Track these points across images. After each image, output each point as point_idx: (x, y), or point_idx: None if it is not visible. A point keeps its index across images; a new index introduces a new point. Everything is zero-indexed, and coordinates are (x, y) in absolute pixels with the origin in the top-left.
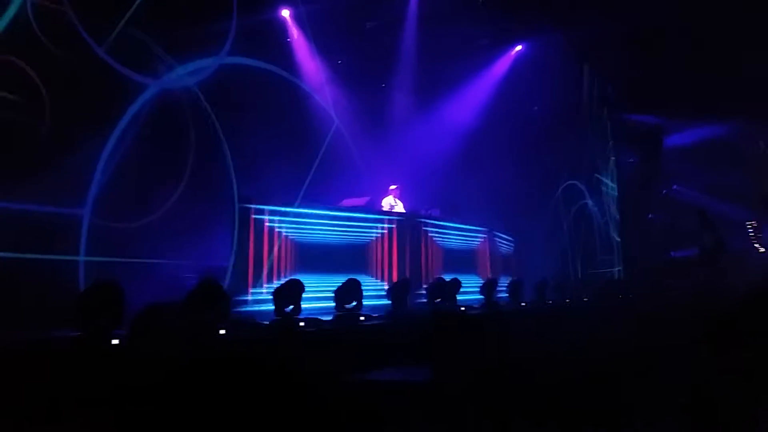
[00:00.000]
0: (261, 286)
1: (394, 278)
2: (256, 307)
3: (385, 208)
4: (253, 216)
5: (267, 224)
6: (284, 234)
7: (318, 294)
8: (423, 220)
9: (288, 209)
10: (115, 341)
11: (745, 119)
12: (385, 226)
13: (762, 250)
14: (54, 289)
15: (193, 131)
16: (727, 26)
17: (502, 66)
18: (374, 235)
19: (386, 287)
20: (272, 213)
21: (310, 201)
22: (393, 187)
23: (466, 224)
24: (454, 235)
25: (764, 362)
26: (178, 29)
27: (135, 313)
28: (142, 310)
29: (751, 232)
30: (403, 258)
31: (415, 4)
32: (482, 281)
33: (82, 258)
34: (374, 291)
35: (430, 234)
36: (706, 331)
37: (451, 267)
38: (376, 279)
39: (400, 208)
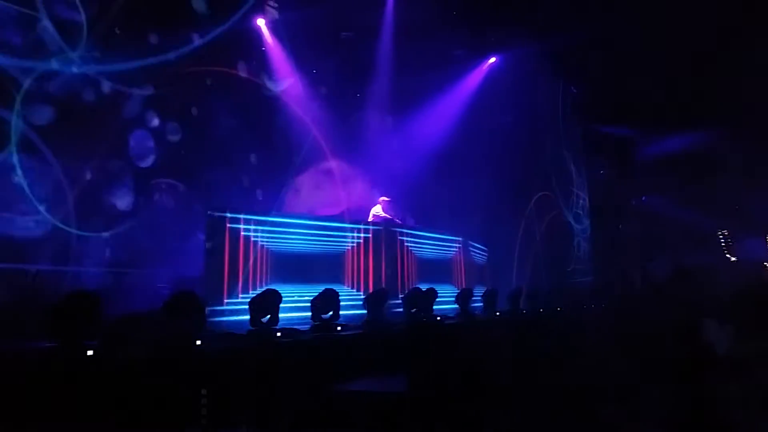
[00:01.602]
0: (236, 296)
1: (371, 288)
2: (233, 317)
3: (370, 218)
4: (229, 225)
5: (243, 233)
6: (260, 243)
7: (294, 304)
8: (399, 230)
9: (264, 218)
10: (89, 352)
11: (716, 130)
12: (361, 235)
13: (733, 259)
14: (27, 298)
15: (167, 139)
16: (701, 37)
17: (476, 77)
18: (350, 244)
19: (363, 297)
20: (247, 222)
21: (286, 210)
22: (384, 198)
23: (441, 233)
24: (429, 244)
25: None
26: (154, 39)
27: (110, 323)
28: (116, 320)
29: (722, 242)
30: (379, 268)
31: (391, 15)
32: (457, 291)
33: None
34: (350, 301)
35: (406, 244)
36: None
37: (426, 277)
38: (352, 289)
39: None
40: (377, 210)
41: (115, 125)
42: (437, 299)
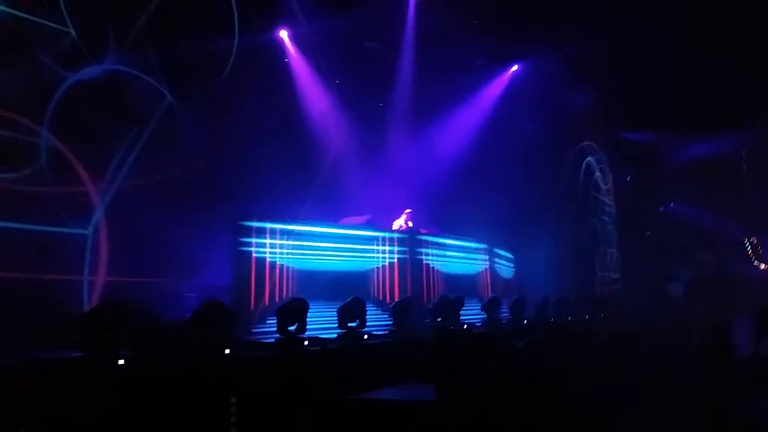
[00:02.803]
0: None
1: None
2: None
3: (395, 228)
4: (255, 255)
5: (269, 259)
6: (285, 265)
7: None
8: (424, 242)
9: (288, 227)
10: (120, 361)
11: (744, 135)
12: (386, 255)
13: (763, 266)
14: (58, 309)
15: (194, 149)
16: (726, 43)
17: (498, 86)
18: (377, 264)
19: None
20: (273, 233)
21: (312, 219)
22: (408, 210)
23: (466, 241)
24: (454, 254)
25: None
26: (180, 50)
27: (139, 333)
28: (146, 329)
29: (749, 250)
30: (405, 284)
31: (413, 24)
32: (483, 302)
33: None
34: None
35: (431, 265)
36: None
37: (452, 289)
38: (378, 308)
39: None
40: (400, 222)
41: (143, 135)
42: (464, 309)
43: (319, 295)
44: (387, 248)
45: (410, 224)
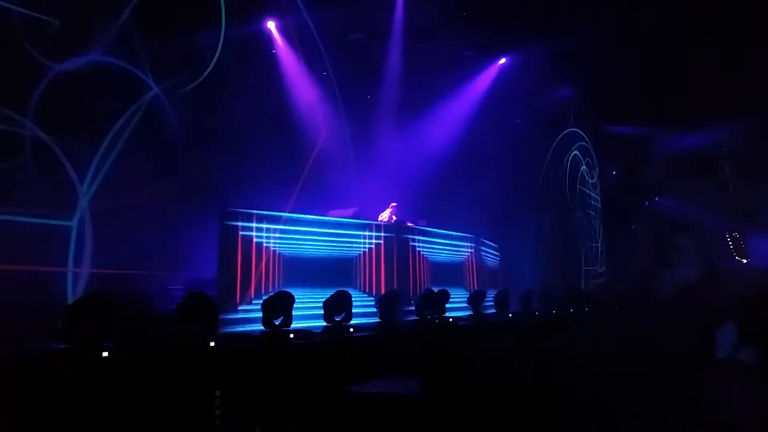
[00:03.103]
0: (249, 302)
1: (383, 292)
2: (247, 327)
3: (380, 220)
4: (240, 224)
5: (255, 240)
6: (272, 248)
7: (304, 312)
8: (411, 228)
9: (276, 214)
10: (104, 353)
11: (729, 129)
12: (373, 241)
13: (744, 261)
14: (43, 301)
15: (180, 141)
16: (712, 35)
17: (486, 78)
18: (362, 248)
19: (374, 300)
20: (260, 221)
21: (299, 211)
22: (393, 204)
23: (452, 232)
24: (440, 245)
25: None
26: (166, 40)
27: (125, 325)
28: (131, 322)
29: (731, 244)
30: (391, 272)
31: (401, 16)
32: (469, 294)
33: (70, 269)
34: (362, 306)
35: (418, 248)
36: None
37: (438, 280)
38: (364, 293)
39: None
40: (385, 215)
41: (129, 126)
42: (449, 301)
43: (305, 281)
44: (374, 233)
45: (395, 218)
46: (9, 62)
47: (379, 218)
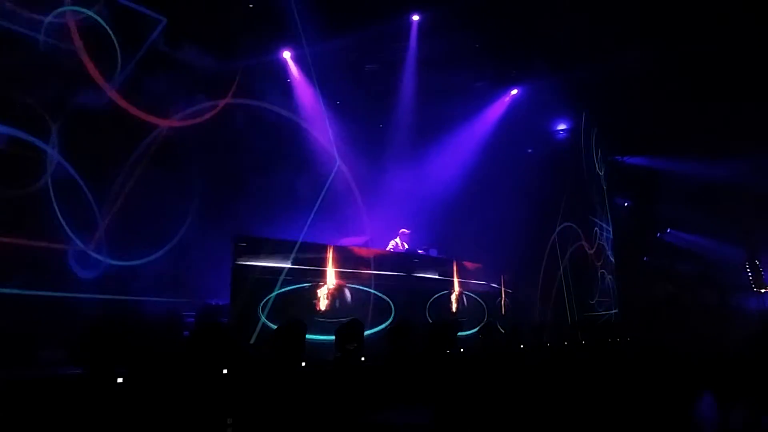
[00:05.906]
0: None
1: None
2: None
3: (389, 248)
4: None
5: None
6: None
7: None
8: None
9: (289, 240)
10: (119, 379)
11: (742, 160)
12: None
13: (762, 291)
14: (57, 326)
15: (197, 171)
16: (724, 67)
17: (498, 109)
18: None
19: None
20: (272, 247)
21: (312, 239)
22: (404, 231)
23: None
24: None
25: None
26: (185, 71)
27: (138, 352)
28: (144, 348)
29: (750, 274)
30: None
31: (414, 47)
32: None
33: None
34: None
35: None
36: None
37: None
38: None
39: None
40: (395, 242)
41: (146, 156)
42: (461, 332)
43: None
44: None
45: (406, 245)
46: (35, 91)
47: (388, 247)
